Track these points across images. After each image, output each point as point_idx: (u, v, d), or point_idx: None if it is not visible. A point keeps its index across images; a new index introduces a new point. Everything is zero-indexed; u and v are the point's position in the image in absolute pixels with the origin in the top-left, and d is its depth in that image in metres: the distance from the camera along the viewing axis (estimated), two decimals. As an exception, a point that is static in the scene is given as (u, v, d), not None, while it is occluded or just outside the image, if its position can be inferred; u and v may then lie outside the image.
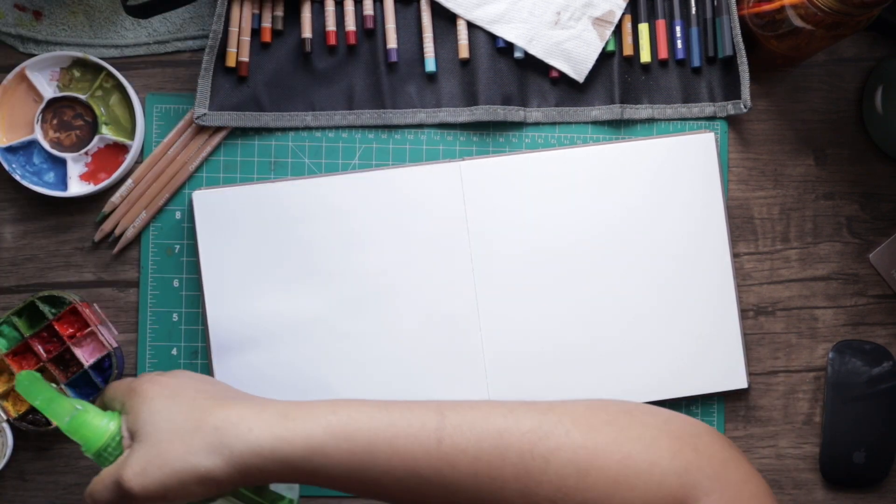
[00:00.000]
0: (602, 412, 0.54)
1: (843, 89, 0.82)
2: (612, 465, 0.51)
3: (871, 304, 0.81)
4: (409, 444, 0.52)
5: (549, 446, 0.52)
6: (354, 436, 0.53)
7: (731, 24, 0.78)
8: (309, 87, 0.78)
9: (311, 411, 0.54)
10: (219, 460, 0.53)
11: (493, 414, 0.53)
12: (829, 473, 0.79)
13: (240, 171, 0.78)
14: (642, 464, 0.51)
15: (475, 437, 0.52)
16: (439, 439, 0.52)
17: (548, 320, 0.77)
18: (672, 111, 0.80)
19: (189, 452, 0.53)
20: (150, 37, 0.78)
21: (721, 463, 0.52)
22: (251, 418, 0.54)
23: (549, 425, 0.53)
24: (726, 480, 0.51)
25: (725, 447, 0.53)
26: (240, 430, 0.53)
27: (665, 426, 0.53)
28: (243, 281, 0.76)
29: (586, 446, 0.52)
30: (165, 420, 0.54)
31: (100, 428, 0.57)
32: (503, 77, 0.78)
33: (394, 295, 0.76)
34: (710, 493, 0.50)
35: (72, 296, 0.75)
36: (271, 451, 0.53)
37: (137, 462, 0.54)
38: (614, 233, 0.77)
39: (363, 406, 0.55)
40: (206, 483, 0.53)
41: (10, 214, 0.78)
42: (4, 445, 0.74)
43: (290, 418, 0.54)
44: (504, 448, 0.52)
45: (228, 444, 0.53)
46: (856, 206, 0.81)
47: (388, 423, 0.53)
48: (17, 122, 0.76)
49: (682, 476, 0.51)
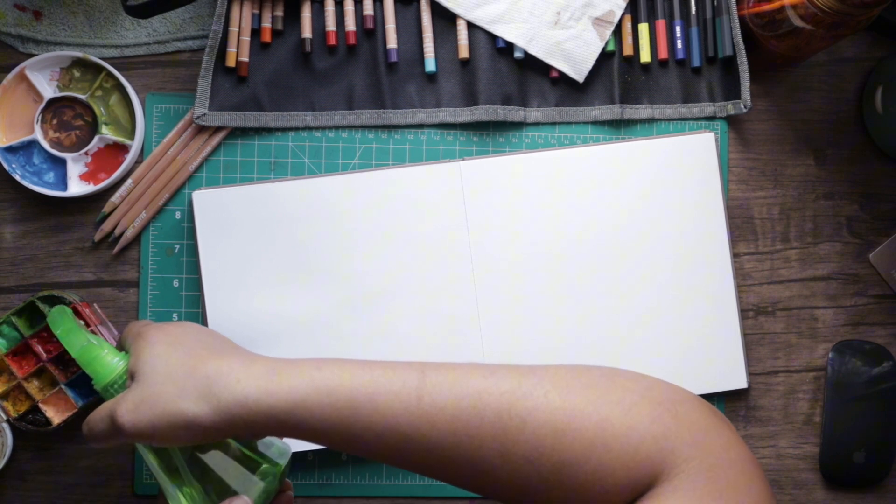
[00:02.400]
0: (583, 375, 0.54)
1: (843, 89, 0.82)
2: (588, 427, 0.51)
3: (871, 304, 0.81)
4: (389, 401, 0.54)
5: (526, 407, 0.52)
6: (337, 391, 0.54)
7: (731, 24, 0.78)
8: (309, 87, 0.78)
9: (298, 367, 0.56)
10: (206, 407, 0.55)
11: (473, 374, 0.54)
12: (829, 473, 0.79)
13: (240, 171, 0.78)
14: (620, 427, 0.51)
15: (454, 396, 0.53)
16: (419, 397, 0.54)
17: (547, 320, 0.77)
18: (672, 111, 0.80)
19: (179, 396, 0.55)
20: (150, 37, 0.78)
21: (702, 430, 0.52)
22: (240, 370, 0.56)
23: (527, 386, 0.53)
24: (706, 447, 0.51)
25: (707, 415, 0.53)
26: (228, 381, 0.55)
27: (646, 392, 0.53)
28: (243, 281, 0.76)
29: (564, 408, 0.52)
30: (163, 364, 0.57)
31: (110, 365, 0.61)
32: (503, 77, 0.78)
33: (394, 295, 0.76)
34: (689, 460, 0.50)
35: (72, 296, 0.75)
36: (256, 403, 0.55)
37: (132, 400, 0.56)
38: (614, 233, 0.77)
39: (347, 364, 0.56)
40: (191, 428, 0.55)
41: (10, 214, 0.78)
42: (4, 445, 0.74)
43: (277, 372, 0.56)
44: (482, 407, 0.53)
45: (216, 392, 0.55)
46: (856, 206, 0.81)
47: (370, 380, 0.55)
48: (17, 122, 0.76)
49: (659, 441, 0.51)
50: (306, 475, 0.78)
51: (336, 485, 0.78)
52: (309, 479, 0.78)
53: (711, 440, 0.51)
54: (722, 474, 0.50)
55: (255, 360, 0.57)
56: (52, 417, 0.74)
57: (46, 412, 0.74)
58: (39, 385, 0.75)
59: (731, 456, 0.51)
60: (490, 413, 0.53)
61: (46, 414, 0.74)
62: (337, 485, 0.78)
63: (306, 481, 0.78)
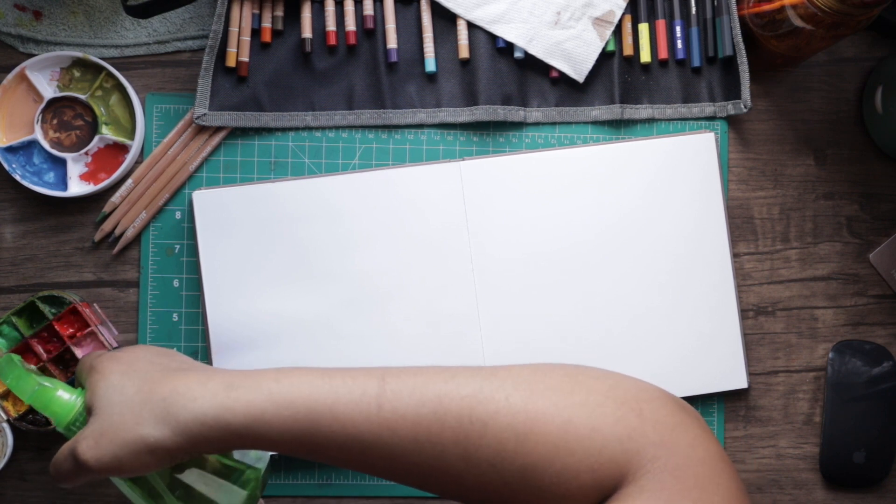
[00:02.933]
0: (546, 377, 0.54)
1: (843, 89, 0.82)
2: (551, 431, 0.51)
3: (871, 304, 0.81)
4: (349, 411, 0.53)
5: (487, 411, 0.52)
6: (295, 403, 0.54)
7: (731, 24, 0.78)
8: (309, 87, 0.78)
9: (255, 380, 0.55)
10: (166, 430, 0.54)
11: (434, 379, 0.54)
12: (829, 473, 0.79)
13: (240, 171, 0.78)
14: (583, 429, 0.51)
15: (414, 403, 0.53)
16: (379, 405, 0.53)
17: (548, 320, 0.77)
18: (672, 111, 0.80)
19: (137, 423, 0.55)
20: (150, 37, 0.78)
21: (668, 428, 0.51)
22: (196, 388, 0.55)
23: (489, 390, 0.53)
24: (672, 446, 0.50)
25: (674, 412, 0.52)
26: (185, 400, 0.55)
27: (610, 391, 0.52)
28: (243, 281, 0.76)
29: (526, 410, 0.52)
30: (118, 394, 0.56)
31: (67, 404, 0.60)
32: (503, 77, 0.78)
33: (394, 295, 0.76)
34: (655, 460, 0.50)
35: (72, 296, 0.75)
36: (214, 420, 0.54)
37: (91, 435, 0.56)
38: (614, 233, 0.77)
39: (306, 374, 0.55)
40: (156, 452, 0.55)
41: (10, 214, 0.78)
42: (4, 445, 0.74)
43: (234, 387, 0.55)
44: (443, 413, 0.52)
45: (174, 413, 0.55)
46: (856, 206, 0.81)
47: (329, 390, 0.54)
48: (17, 122, 0.76)
49: (624, 442, 0.50)
50: (306, 475, 0.78)
51: (336, 485, 0.78)
52: (309, 479, 0.78)
53: (678, 438, 0.51)
54: (689, 473, 0.49)
55: (212, 376, 0.56)
56: (52, 417, 0.74)
57: (46, 412, 0.74)
58: (39, 385, 0.75)
59: (698, 454, 0.50)
60: (451, 418, 0.52)
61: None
62: (337, 485, 0.78)
63: (306, 481, 0.78)
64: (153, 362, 0.59)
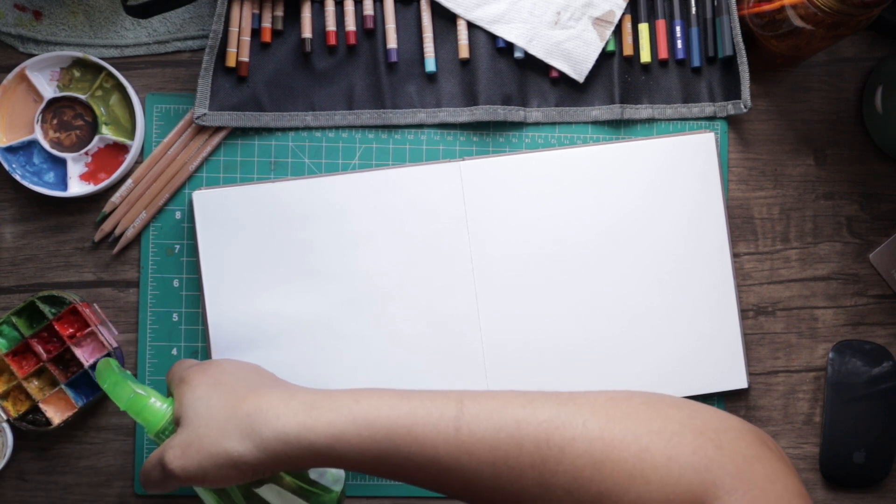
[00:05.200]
0: (623, 404, 0.54)
1: (843, 89, 0.82)
2: (627, 458, 0.51)
3: (871, 304, 0.81)
4: (427, 433, 0.54)
5: (564, 436, 0.52)
6: (375, 424, 0.55)
7: (731, 24, 0.78)
8: (309, 87, 0.78)
9: (336, 400, 0.57)
10: (250, 445, 0.56)
11: (511, 404, 0.54)
12: (829, 473, 0.79)
13: (240, 171, 0.78)
14: (660, 458, 0.50)
15: (492, 427, 0.53)
16: (457, 428, 0.54)
17: (548, 320, 0.77)
18: (672, 111, 0.80)
19: (223, 437, 0.57)
20: (150, 37, 0.78)
21: (746, 460, 0.50)
22: (279, 406, 0.57)
23: (566, 416, 0.53)
24: (750, 479, 0.50)
25: (753, 443, 0.52)
26: (269, 418, 0.56)
27: (689, 420, 0.52)
28: (243, 281, 0.76)
29: (602, 437, 0.52)
30: (205, 406, 0.59)
31: (158, 412, 0.63)
32: (503, 77, 0.78)
33: (394, 295, 0.76)
34: (733, 492, 0.49)
35: (72, 296, 0.75)
36: (297, 439, 0.55)
37: (178, 445, 0.58)
38: (614, 233, 0.77)
39: (385, 395, 0.56)
40: (239, 467, 0.56)
41: (10, 214, 0.78)
42: (4, 445, 0.74)
43: (315, 407, 0.56)
44: (520, 437, 0.53)
45: (258, 430, 0.56)
46: (856, 206, 0.81)
47: (408, 412, 0.55)
48: (17, 122, 0.76)
49: (701, 473, 0.50)
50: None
51: (336, 485, 0.78)
52: (309, 479, 0.78)
53: (756, 471, 0.50)
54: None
55: (294, 394, 0.58)
56: (52, 417, 0.74)
57: (46, 412, 0.74)
58: (39, 385, 0.75)
59: (777, 489, 0.50)
60: (528, 443, 0.52)
61: (46, 414, 0.74)
62: (337, 485, 0.78)
63: (306, 481, 0.78)
64: (239, 377, 0.61)
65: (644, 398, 0.54)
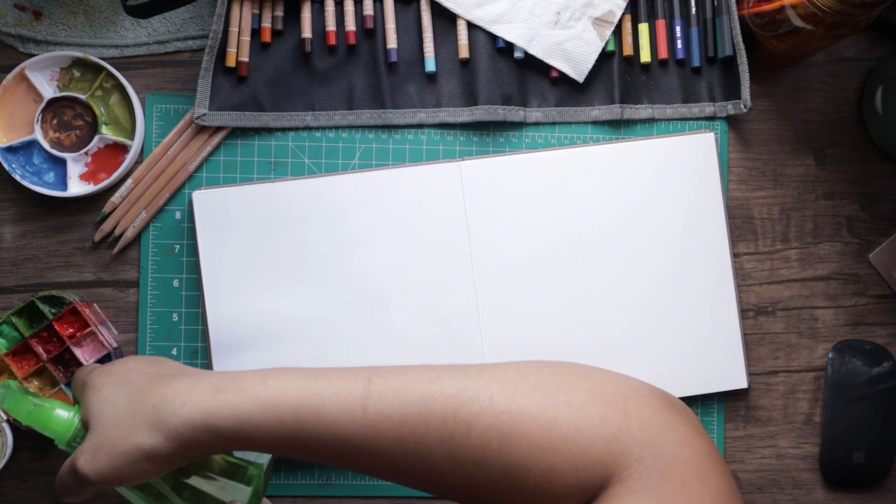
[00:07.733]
0: (532, 375, 0.53)
1: (843, 89, 0.82)
2: (535, 431, 0.51)
3: (871, 304, 0.81)
4: (335, 413, 0.54)
5: (472, 411, 0.52)
6: (282, 406, 0.54)
7: (731, 24, 0.78)
8: (309, 87, 0.78)
9: (242, 383, 0.56)
10: (159, 437, 0.55)
11: (419, 379, 0.54)
12: (829, 473, 0.79)
13: (240, 171, 0.78)
14: (568, 429, 0.50)
15: (399, 404, 0.53)
16: (364, 406, 0.53)
17: (548, 320, 0.77)
18: (672, 111, 0.80)
19: (132, 433, 0.56)
20: (150, 37, 0.78)
21: (654, 427, 0.50)
22: (185, 394, 0.56)
23: (473, 390, 0.53)
24: (659, 445, 0.50)
25: (662, 410, 0.52)
26: (175, 406, 0.56)
27: (597, 390, 0.52)
28: (243, 281, 0.76)
29: (510, 411, 0.51)
30: (111, 406, 0.58)
31: (65, 421, 0.61)
32: (503, 77, 0.78)
33: (394, 295, 0.76)
34: (641, 460, 0.49)
35: (72, 296, 0.75)
36: (203, 424, 0.55)
37: (88, 449, 0.57)
38: (614, 233, 0.77)
39: (293, 375, 0.56)
40: (152, 459, 0.56)
41: (10, 214, 0.78)
42: (4, 445, 0.74)
43: (221, 391, 0.56)
44: (427, 413, 0.52)
45: (165, 420, 0.55)
46: (856, 206, 0.81)
47: (315, 392, 0.54)
48: (17, 122, 0.76)
49: (609, 442, 0.50)
50: (306, 475, 0.78)
51: (336, 485, 0.78)
52: (309, 479, 0.78)
53: (664, 437, 0.50)
54: (677, 473, 0.49)
55: (200, 381, 0.57)
56: (52, 417, 0.74)
57: (46, 412, 0.74)
58: (39, 385, 0.75)
59: (686, 453, 0.50)
60: (436, 419, 0.52)
61: (46, 414, 0.74)
62: (337, 485, 0.78)
63: (306, 481, 0.78)
64: (143, 372, 0.60)
65: (554, 369, 0.54)
